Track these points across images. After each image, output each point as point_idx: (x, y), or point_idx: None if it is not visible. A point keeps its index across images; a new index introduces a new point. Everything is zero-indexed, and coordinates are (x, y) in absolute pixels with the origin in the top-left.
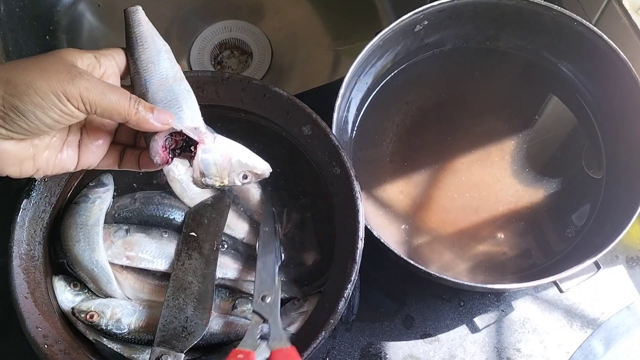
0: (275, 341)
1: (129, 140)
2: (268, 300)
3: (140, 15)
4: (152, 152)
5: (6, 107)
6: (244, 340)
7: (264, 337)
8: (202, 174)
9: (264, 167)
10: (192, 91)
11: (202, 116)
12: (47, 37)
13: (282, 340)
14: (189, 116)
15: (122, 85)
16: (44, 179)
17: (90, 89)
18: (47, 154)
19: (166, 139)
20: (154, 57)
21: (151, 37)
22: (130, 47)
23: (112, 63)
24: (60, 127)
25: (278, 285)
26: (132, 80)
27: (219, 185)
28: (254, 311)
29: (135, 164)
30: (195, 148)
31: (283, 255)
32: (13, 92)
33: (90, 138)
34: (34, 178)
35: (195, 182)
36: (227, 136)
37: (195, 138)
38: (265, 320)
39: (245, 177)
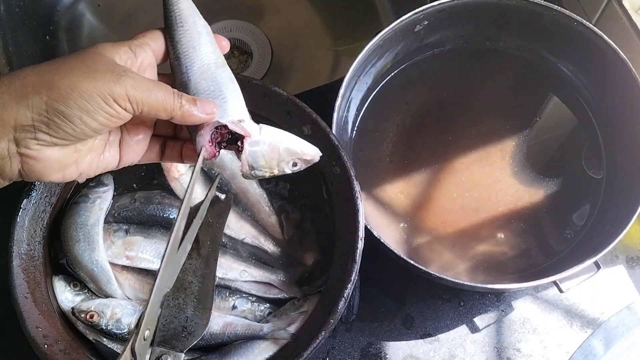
0: None
1: (169, 132)
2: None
3: None
4: (198, 146)
5: (50, 113)
6: None
7: None
8: (252, 167)
9: (312, 152)
10: (234, 79)
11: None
12: (47, 37)
13: None
14: (234, 107)
15: (159, 74)
16: None
17: (137, 87)
18: (90, 157)
19: (212, 132)
20: (195, 40)
21: (192, 17)
22: (169, 28)
23: (148, 53)
24: (107, 130)
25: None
26: (172, 66)
27: (269, 176)
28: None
29: (177, 156)
30: (242, 141)
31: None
32: (57, 97)
33: (131, 135)
34: None
35: (244, 176)
36: None
37: (242, 132)
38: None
39: (295, 164)
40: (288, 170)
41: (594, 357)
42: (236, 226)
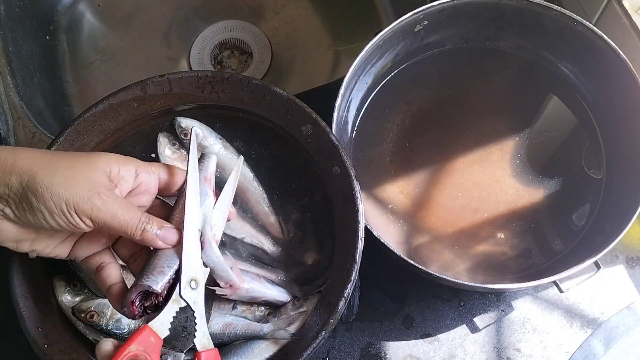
0: (201, 342)
1: (126, 257)
2: (195, 286)
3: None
4: (123, 301)
5: (22, 197)
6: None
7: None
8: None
9: (284, 298)
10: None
11: (202, 117)
12: (47, 37)
13: (206, 340)
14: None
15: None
16: None
17: (103, 211)
18: (47, 242)
19: (139, 294)
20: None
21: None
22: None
23: (152, 180)
24: (65, 232)
25: (205, 274)
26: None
27: None
28: (180, 296)
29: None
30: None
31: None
32: (32, 189)
33: (86, 240)
34: None
35: None
36: (226, 136)
37: (228, 291)
38: (193, 312)
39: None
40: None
41: (594, 357)
42: (236, 226)
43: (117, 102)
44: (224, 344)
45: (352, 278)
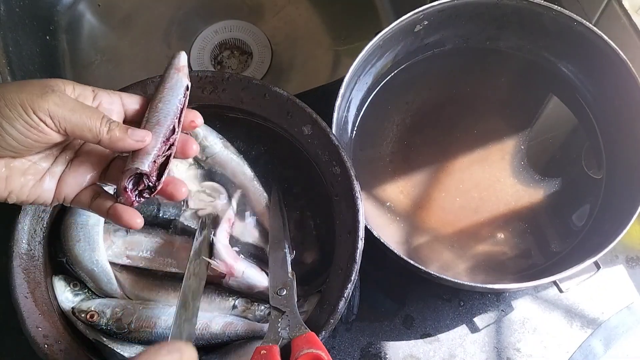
0: (295, 330)
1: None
2: (283, 293)
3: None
4: (117, 191)
5: None
6: (266, 336)
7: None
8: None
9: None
10: None
11: (202, 117)
12: (47, 37)
13: (301, 327)
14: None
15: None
16: None
17: (60, 105)
18: (24, 180)
19: (131, 179)
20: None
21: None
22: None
23: (115, 103)
24: (33, 146)
25: (292, 277)
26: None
27: None
28: (271, 306)
29: (104, 213)
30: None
31: (294, 251)
32: None
33: (71, 175)
34: None
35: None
36: (226, 136)
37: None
38: (283, 313)
39: None
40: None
41: (594, 357)
42: (236, 225)
43: None
44: (224, 344)
45: (352, 278)
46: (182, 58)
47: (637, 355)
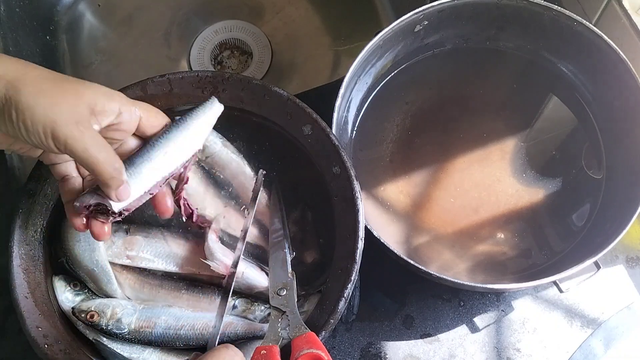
0: (295, 330)
1: (85, 174)
2: (284, 293)
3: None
4: (77, 206)
5: (3, 109)
6: (266, 336)
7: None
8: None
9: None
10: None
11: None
12: (47, 37)
13: (301, 327)
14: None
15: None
16: (46, 179)
17: (78, 141)
18: (23, 145)
19: (91, 205)
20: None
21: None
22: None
23: (133, 121)
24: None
25: (292, 277)
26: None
27: None
28: (271, 306)
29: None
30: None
31: (294, 251)
32: (15, 104)
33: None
34: (36, 178)
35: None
36: (226, 136)
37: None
38: (283, 313)
39: None
40: None
41: (594, 357)
42: (236, 225)
43: None
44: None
45: (352, 278)
46: (217, 109)
47: (637, 355)
